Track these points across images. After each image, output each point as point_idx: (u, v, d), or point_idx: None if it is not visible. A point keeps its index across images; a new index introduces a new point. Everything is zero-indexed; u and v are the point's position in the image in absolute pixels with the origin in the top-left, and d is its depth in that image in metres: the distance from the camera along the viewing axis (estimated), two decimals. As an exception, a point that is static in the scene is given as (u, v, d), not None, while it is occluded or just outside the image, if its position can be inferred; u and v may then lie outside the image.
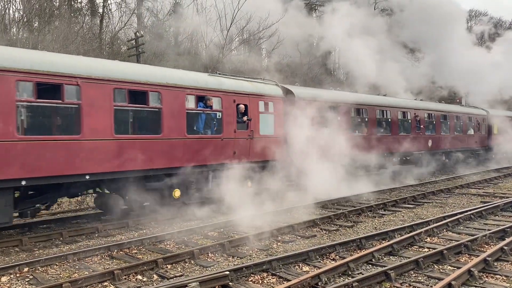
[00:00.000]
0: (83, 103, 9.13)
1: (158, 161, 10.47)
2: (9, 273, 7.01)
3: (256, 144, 12.74)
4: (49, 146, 8.71)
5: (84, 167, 9.18)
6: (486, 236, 8.62)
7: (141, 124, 10.87)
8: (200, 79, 11.65)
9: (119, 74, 9.85)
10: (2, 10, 22.28)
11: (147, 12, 32.14)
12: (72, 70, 9.07)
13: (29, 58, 8.63)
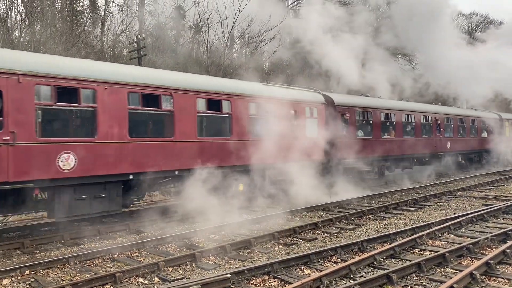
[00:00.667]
0: (175, 110, 10.78)
1: (228, 160, 12.14)
2: (11, 275, 7.01)
3: (300, 145, 14.19)
4: (151, 147, 10.44)
5: (175, 164, 10.90)
6: (488, 239, 8.60)
7: (217, 127, 12.56)
8: (258, 88, 13.73)
9: (200, 86, 11.57)
10: (4, 13, 22.37)
11: (148, 15, 32.25)
12: (167, 82, 10.70)
13: (137, 73, 10.44)
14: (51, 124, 9.61)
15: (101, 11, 29.54)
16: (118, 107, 9.70)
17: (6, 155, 8.09)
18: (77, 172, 9.05)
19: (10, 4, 24.02)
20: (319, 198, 13.90)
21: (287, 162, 13.35)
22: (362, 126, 17.36)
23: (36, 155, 8.49)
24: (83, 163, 9.14)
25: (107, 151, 9.57)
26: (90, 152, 9.28)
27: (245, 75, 20.30)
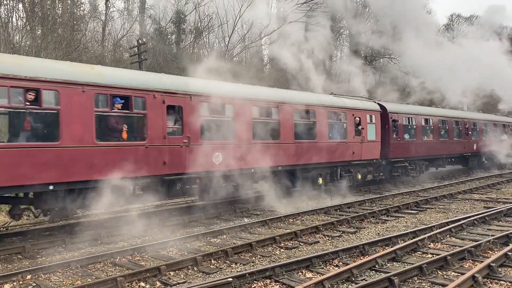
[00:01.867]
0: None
1: (313, 158, 14.76)
2: (12, 280, 7.02)
3: (366, 146, 17.10)
4: (278, 147, 13.53)
5: (281, 161, 13.73)
6: (490, 242, 8.59)
7: (306, 132, 14.81)
8: (336, 100, 16.46)
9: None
10: (5, 19, 22.45)
11: (149, 19, 32.35)
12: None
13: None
14: (208, 131, 11.83)
15: (102, 15, 29.65)
16: (246, 116, 12.67)
17: (184, 153, 11.02)
18: (222, 166, 12.05)
19: (12, 9, 24.13)
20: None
21: (353, 160, 16.57)
22: (408, 130, 19.97)
23: (200, 153, 11.37)
24: (228, 160, 12.18)
25: (240, 151, 12.42)
26: (230, 152, 12.25)
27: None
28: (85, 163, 9.21)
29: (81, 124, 9.11)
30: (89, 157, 9.27)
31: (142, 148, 10.21)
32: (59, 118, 8.82)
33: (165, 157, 10.64)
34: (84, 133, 9.19)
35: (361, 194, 17.11)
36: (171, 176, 10.89)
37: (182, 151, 10.94)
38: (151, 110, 10.35)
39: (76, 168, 9.10)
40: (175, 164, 10.84)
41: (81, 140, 9.13)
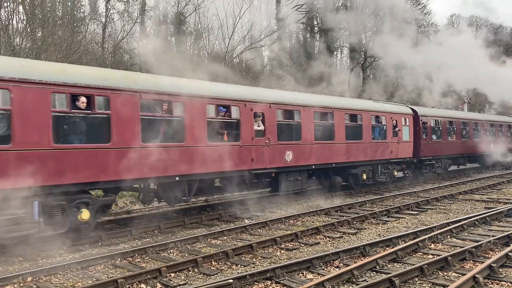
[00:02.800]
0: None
1: (359, 156, 16.70)
2: (13, 282, 7.02)
3: (402, 146, 19.13)
4: (330, 147, 15.47)
5: (334, 159, 15.80)
6: (490, 242, 8.57)
7: (354, 133, 16.61)
8: (377, 105, 18.61)
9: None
10: (6, 21, 22.47)
11: (149, 21, 32.37)
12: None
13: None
14: (282, 133, 13.85)
15: (102, 17, 29.68)
16: (310, 120, 14.77)
17: (266, 152, 13.15)
18: (292, 162, 14.06)
19: (12, 11, 24.15)
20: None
21: (391, 159, 18.62)
22: (435, 131, 21.97)
23: (276, 152, 13.47)
24: (296, 158, 14.22)
25: (305, 150, 14.61)
26: (297, 150, 14.31)
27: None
28: (200, 158, 11.27)
29: (198, 129, 11.32)
30: (203, 154, 11.34)
31: (237, 147, 12.35)
32: (184, 124, 10.99)
33: (253, 155, 12.82)
34: (200, 135, 11.33)
35: (362, 195, 17.11)
36: (256, 170, 13.08)
37: (264, 150, 13.17)
38: (243, 116, 12.55)
39: (195, 163, 11.17)
40: (259, 160, 13.03)
41: (197, 140, 11.24)
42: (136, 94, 9.95)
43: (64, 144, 8.91)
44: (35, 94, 8.45)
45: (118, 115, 9.63)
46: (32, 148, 8.39)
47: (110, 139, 9.53)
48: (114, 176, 9.62)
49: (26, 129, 8.32)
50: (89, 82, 9.25)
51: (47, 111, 8.60)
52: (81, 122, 9.25)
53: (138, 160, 9.92)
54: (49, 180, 8.60)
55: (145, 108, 10.22)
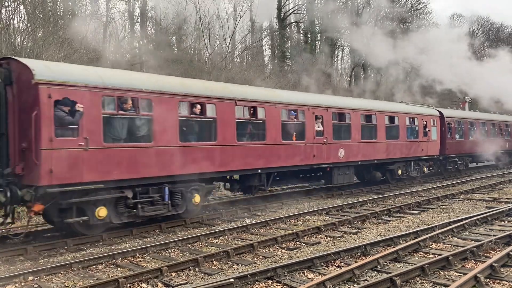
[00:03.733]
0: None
1: (396, 154, 18.70)
2: (14, 282, 7.02)
3: (431, 145, 20.99)
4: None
5: (377, 156, 17.81)
6: (492, 242, 8.56)
7: (393, 133, 18.53)
8: (410, 108, 20.72)
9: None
10: (7, 21, 22.48)
11: (150, 21, 32.37)
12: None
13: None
14: (335, 133, 15.75)
15: (103, 17, 29.68)
16: (357, 121, 16.74)
17: (324, 149, 15.16)
18: (343, 158, 15.98)
19: (13, 11, 24.16)
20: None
21: (422, 156, 20.61)
22: (458, 131, 24.05)
23: (332, 149, 15.46)
24: (347, 155, 16.08)
25: (354, 148, 16.51)
26: (347, 148, 16.20)
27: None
28: (276, 154, 13.40)
29: (275, 130, 13.41)
30: (278, 151, 13.50)
31: (302, 146, 14.37)
32: (265, 126, 13.10)
33: (314, 152, 14.77)
34: (276, 135, 13.43)
35: (363, 194, 17.11)
36: (317, 165, 15.10)
37: (322, 147, 15.11)
38: (307, 119, 14.59)
39: (272, 158, 13.28)
40: (319, 156, 14.99)
41: (275, 139, 13.41)
42: (232, 101, 12.14)
43: (186, 142, 11.01)
44: (167, 102, 10.53)
45: (221, 118, 11.80)
46: (166, 145, 10.45)
47: (216, 138, 11.70)
48: (218, 168, 11.83)
49: (164, 130, 10.42)
50: (202, 93, 11.46)
51: (175, 116, 10.70)
52: (196, 124, 11.55)
53: (234, 155, 12.14)
54: (177, 170, 10.68)
55: (238, 113, 12.41)
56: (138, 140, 10.07)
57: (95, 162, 9.19)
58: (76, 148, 8.93)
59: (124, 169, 9.68)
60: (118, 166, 9.57)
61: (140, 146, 10.03)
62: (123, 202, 9.99)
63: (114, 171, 9.49)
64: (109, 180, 9.45)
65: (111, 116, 9.61)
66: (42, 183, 8.50)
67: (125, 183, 9.86)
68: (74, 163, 8.89)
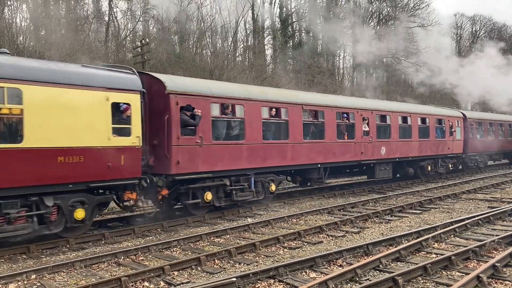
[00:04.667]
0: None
1: (427, 152, 20.58)
2: (17, 280, 7.04)
3: (455, 144, 22.86)
4: (414, 144, 19.61)
5: (411, 153, 19.77)
6: (494, 242, 8.54)
7: (423, 132, 20.33)
8: (438, 110, 22.79)
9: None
10: (9, 19, 22.53)
11: (152, 19, 32.37)
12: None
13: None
14: (379, 132, 17.74)
15: (105, 16, 29.70)
16: (396, 122, 18.77)
17: (369, 147, 17.12)
18: (385, 155, 17.98)
19: (15, 10, 24.21)
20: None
21: (448, 154, 22.44)
22: (478, 132, 25.71)
23: (375, 147, 17.45)
24: (387, 152, 18.09)
25: (393, 146, 18.46)
26: (388, 146, 18.19)
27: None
28: (332, 151, 15.50)
29: (331, 130, 15.47)
30: (334, 148, 15.61)
31: (352, 144, 16.39)
32: (324, 127, 15.27)
33: (362, 149, 16.69)
34: (332, 135, 15.51)
35: (365, 194, 17.10)
36: (364, 161, 17.01)
37: (368, 145, 17.04)
38: (356, 120, 16.57)
39: (329, 154, 15.39)
40: (365, 153, 16.92)
41: (331, 138, 15.47)
42: (299, 106, 14.26)
43: (266, 140, 13.17)
44: (253, 107, 12.80)
45: (292, 120, 13.95)
46: (253, 143, 12.74)
47: (288, 137, 13.85)
48: (289, 162, 14.09)
49: (251, 130, 12.69)
50: (278, 99, 13.74)
51: (259, 119, 12.95)
52: (273, 125, 13.76)
53: (301, 151, 14.36)
54: (259, 163, 13.00)
55: (304, 115, 14.52)
56: (235, 139, 12.47)
57: (206, 156, 11.53)
58: (194, 145, 11.23)
59: (225, 162, 12.05)
60: (221, 160, 11.92)
61: (236, 144, 12.41)
62: (222, 188, 12.19)
63: (218, 163, 11.86)
64: (215, 170, 11.80)
65: (217, 119, 11.94)
66: (172, 172, 10.75)
67: (224, 173, 12.16)
68: (193, 157, 11.22)
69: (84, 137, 9.05)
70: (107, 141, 9.39)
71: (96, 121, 9.25)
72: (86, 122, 9.10)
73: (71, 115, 8.88)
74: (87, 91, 9.15)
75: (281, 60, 38.00)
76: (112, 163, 9.46)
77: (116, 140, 9.56)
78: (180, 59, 28.87)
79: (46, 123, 8.48)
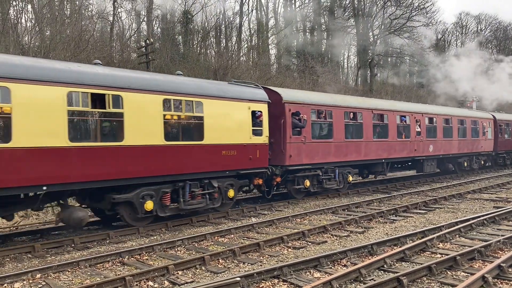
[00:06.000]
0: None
1: (464, 149, 23.43)
2: (22, 279, 7.08)
3: (487, 143, 25.74)
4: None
5: (452, 151, 22.65)
6: (500, 242, 8.50)
7: (461, 132, 23.17)
8: (472, 113, 25.60)
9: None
10: (15, 20, 22.64)
11: (157, 19, 32.44)
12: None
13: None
14: (428, 132, 20.53)
15: (110, 16, 29.78)
16: (440, 124, 21.67)
17: (421, 145, 19.93)
18: (432, 152, 20.80)
19: (21, 10, 24.32)
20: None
21: (481, 152, 25.18)
22: (507, 132, 28.50)
23: (425, 145, 20.28)
24: (434, 149, 21.02)
25: (438, 144, 21.31)
26: (434, 144, 21.07)
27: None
28: (393, 149, 18.32)
29: (393, 130, 18.31)
30: (394, 146, 18.39)
31: (408, 142, 19.23)
32: (388, 127, 18.06)
33: (415, 147, 19.53)
34: (394, 134, 18.33)
35: (369, 193, 17.05)
36: (417, 157, 19.97)
37: (420, 143, 19.83)
38: (411, 122, 19.45)
39: (391, 151, 18.20)
40: (418, 151, 19.74)
41: (393, 137, 18.33)
42: (370, 110, 17.30)
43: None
44: (338, 112, 15.88)
45: (365, 122, 16.92)
46: (339, 141, 15.80)
47: (362, 136, 16.80)
48: (363, 157, 16.95)
49: (337, 131, 15.74)
50: (355, 105, 16.84)
51: (342, 121, 15.97)
52: (352, 127, 16.43)
53: (371, 148, 17.22)
54: (341, 158, 15.99)
55: (374, 118, 17.49)
56: (326, 138, 15.55)
57: (307, 152, 14.69)
58: (300, 143, 14.40)
59: (320, 156, 15.15)
60: (317, 154, 15.01)
61: (327, 142, 15.49)
62: (316, 178, 15.28)
63: (315, 157, 14.96)
64: (313, 163, 14.93)
65: (314, 122, 15.12)
66: (286, 163, 14.02)
67: (318, 165, 15.17)
68: (299, 152, 14.40)
69: (237, 136, 12.40)
70: (249, 139, 12.81)
71: (243, 124, 12.64)
72: (238, 125, 12.45)
73: (229, 121, 12.21)
74: (237, 103, 12.53)
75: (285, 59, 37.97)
76: (252, 156, 12.86)
77: (254, 138, 12.97)
78: (184, 59, 28.89)
79: (216, 126, 11.80)
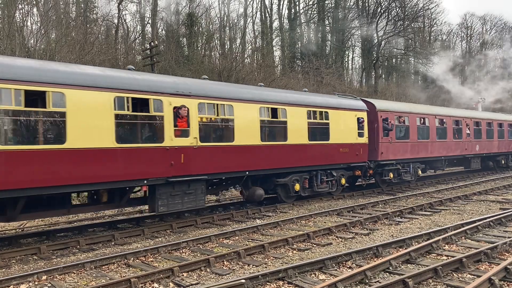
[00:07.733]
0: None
1: (492, 150, 25.29)
2: (28, 281, 7.11)
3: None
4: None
5: (481, 151, 24.28)
6: (506, 244, 8.43)
7: (489, 134, 25.00)
8: (503, 116, 27.90)
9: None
10: (20, 23, 22.79)
11: (161, 22, 32.56)
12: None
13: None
14: (475, 134, 23.36)
15: (115, 19, 29.93)
16: (484, 126, 24.64)
17: (469, 145, 22.80)
18: (477, 151, 23.57)
19: (26, 13, 24.48)
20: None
21: (510, 151, 27.30)
22: None
23: (473, 145, 23.02)
24: (479, 149, 23.75)
25: (483, 144, 24.16)
26: (480, 144, 23.98)
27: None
28: (450, 147, 21.30)
29: (451, 133, 21.17)
30: (451, 145, 21.35)
31: (461, 142, 22.03)
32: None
33: (466, 146, 22.32)
34: (451, 136, 21.12)
35: (374, 195, 17.00)
36: (467, 155, 22.63)
37: (469, 144, 22.67)
38: (463, 125, 22.23)
39: (449, 150, 21.20)
40: (468, 150, 22.56)
41: (450, 138, 21.30)
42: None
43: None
44: (413, 117, 19.11)
45: (412, 125, 18.98)
46: (413, 141, 18.92)
47: (429, 137, 19.78)
48: (429, 155, 19.86)
49: (412, 132, 18.85)
50: (425, 112, 20.26)
51: (415, 125, 19.30)
52: (421, 129, 19.43)
53: (435, 147, 20.20)
54: (415, 155, 19.08)
55: (437, 122, 20.49)
56: (404, 138, 18.50)
57: (392, 150, 17.71)
58: (387, 142, 17.45)
59: (400, 153, 18.10)
60: (398, 152, 17.94)
61: (404, 142, 18.42)
62: (396, 171, 18.15)
63: (397, 155, 17.94)
64: (395, 159, 17.90)
65: (396, 126, 18.13)
66: (379, 159, 17.12)
67: (399, 161, 18.19)
68: (387, 150, 17.49)
69: (348, 137, 15.95)
70: (356, 140, 16.27)
71: (352, 128, 16.13)
72: (349, 129, 15.99)
73: (344, 125, 15.78)
74: (348, 112, 16.15)
75: (289, 61, 37.97)
76: (358, 153, 16.22)
77: (359, 139, 16.37)
78: (188, 61, 28.97)
79: (337, 129, 15.50)
